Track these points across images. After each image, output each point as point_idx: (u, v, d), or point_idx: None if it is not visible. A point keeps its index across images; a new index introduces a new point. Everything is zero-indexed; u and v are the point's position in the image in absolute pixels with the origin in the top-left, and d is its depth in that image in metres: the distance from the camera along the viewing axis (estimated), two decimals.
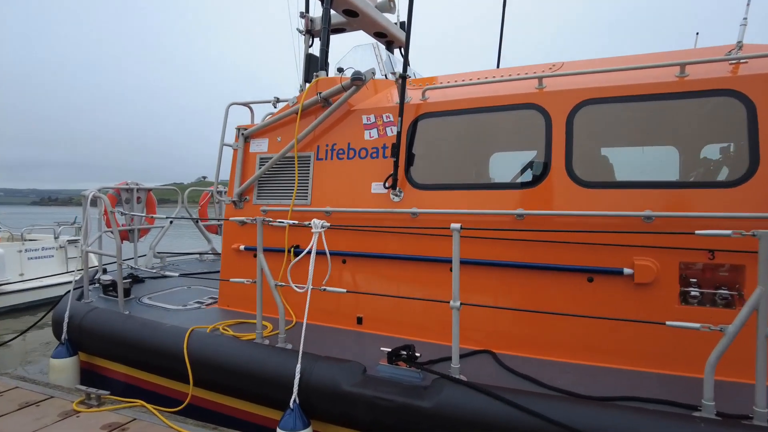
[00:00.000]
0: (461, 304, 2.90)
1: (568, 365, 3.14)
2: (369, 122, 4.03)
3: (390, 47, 6.00)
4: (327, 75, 4.53)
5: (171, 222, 6.81)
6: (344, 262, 4.02)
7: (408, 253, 3.75)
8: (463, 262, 3.14)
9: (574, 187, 3.28)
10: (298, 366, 3.00)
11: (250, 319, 4.08)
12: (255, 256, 4.36)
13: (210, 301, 4.78)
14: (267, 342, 3.54)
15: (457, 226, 2.89)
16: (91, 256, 10.87)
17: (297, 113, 4.29)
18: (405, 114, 3.82)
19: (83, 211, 4.81)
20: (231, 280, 3.76)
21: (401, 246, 3.78)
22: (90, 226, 4.98)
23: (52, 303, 9.85)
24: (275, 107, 4.63)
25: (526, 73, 3.70)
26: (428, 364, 3.10)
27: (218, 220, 6.92)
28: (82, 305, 4.46)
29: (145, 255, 6.63)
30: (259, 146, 4.53)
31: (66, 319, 4.28)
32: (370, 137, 4.01)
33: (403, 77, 3.64)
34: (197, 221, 7.42)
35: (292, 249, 4.15)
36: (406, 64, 3.73)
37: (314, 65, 5.74)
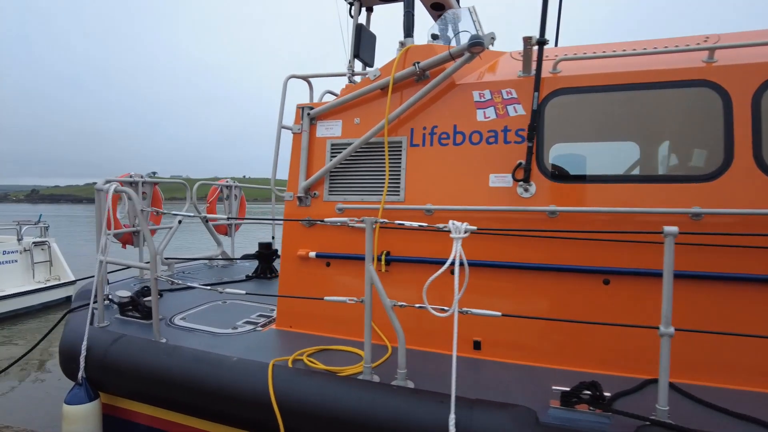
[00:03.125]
0: (675, 330, 2.23)
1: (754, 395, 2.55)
2: (482, 99, 3.27)
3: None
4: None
5: (180, 221, 5.75)
6: (452, 272, 3.24)
7: (545, 262, 3.03)
8: (624, 273, 2.49)
9: (766, 179, 2.69)
10: (452, 416, 2.23)
11: (322, 344, 3.28)
12: (327, 264, 3.53)
13: (263, 320, 3.86)
14: (377, 379, 2.73)
15: (673, 229, 2.20)
16: (65, 266, 9.49)
17: (382, 88, 3.47)
18: (531, 89, 3.11)
19: (97, 209, 3.75)
20: (326, 298, 2.89)
21: (529, 252, 3.07)
22: (102, 228, 3.93)
23: (18, 316, 8.57)
24: (350, 81, 3.76)
25: (687, 45, 3.06)
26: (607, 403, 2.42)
27: (277, 220, 5.86)
28: (100, 332, 3.44)
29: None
30: (330, 129, 3.66)
31: (83, 352, 3.25)
32: (485, 118, 3.25)
33: (541, 42, 2.92)
34: (206, 221, 6.38)
35: (383, 256, 3.34)
36: (543, 25, 3.00)
37: (367, 38, 4.91)
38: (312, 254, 3.54)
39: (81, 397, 3.19)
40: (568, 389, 2.39)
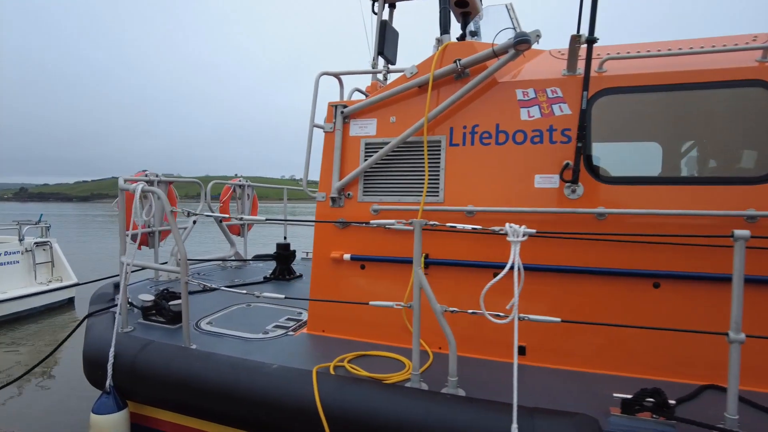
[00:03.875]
0: (746, 337, 2.15)
1: None
2: (526, 98, 3.19)
3: (466, 19, 5.16)
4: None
5: (195, 222, 5.62)
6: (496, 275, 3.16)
7: (592, 265, 2.96)
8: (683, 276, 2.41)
9: None
10: (514, 426, 2.14)
11: (357, 349, 3.18)
12: (362, 267, 3.43)
13: (293, 324, 3.75)
14: (425, 386, 2.64)
15: (745, 233, 2.13)
16: (67, 267, 9.24)
17: (420, 86, 3.37)
18: (577, 89, 3.04)
19: (120, 209, 3.61)
20: (372, 303, 2.79)
21: (578, 255, 2.99)
22: (124, 227, 3.79)
23: (20, 319, 8.35)
24: (385, 79, 3.66)
25: (736, 44, 3.00)
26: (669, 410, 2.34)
27: (307, 221, 5.72)
28: (126, 339, 3.30)
29: (166, 263, 5.40)
30: (364, 128, 3.56)
31: (111, 359, 3.11)
32: (530, 117, 3.17)
33: (591, 41, 2.84)
34: (220, 221, 6.24)
35: (423, 258, 3.24)
36: (593, 23, 2.92)
37: (391, 35, 4.81)
38: (347, 256, 3.43)
39: (109, 407, 3.05)
40: (629, 396, 2.31)
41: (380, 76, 4.55)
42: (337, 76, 3.90)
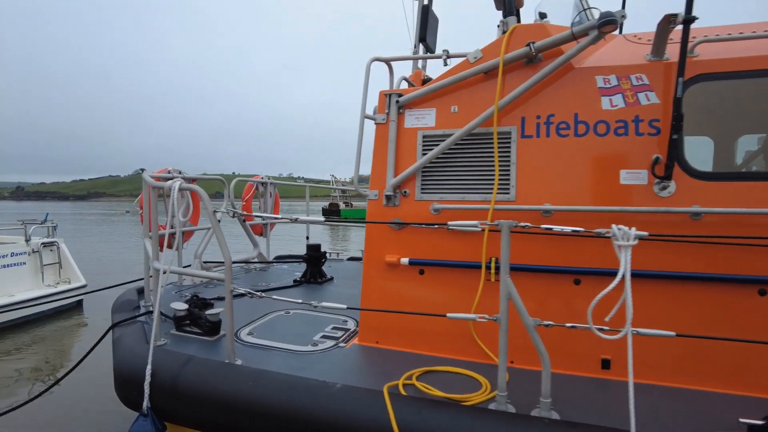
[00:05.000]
0: None
1: None
2: (608, 86, 2.87)
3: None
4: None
5: (219, 221, 5.28)
6: (578, 282, 2.86)
7: (687, 270, 2.66)
8: None
9: None
10: None
11: (417, 362, 2.89)
12: (420, 272, 3.12)
13: (341, 334, 3.43)
14: (512, 409, 2.33)
15: None
16: (75, 268, 8.86)
17: (487, 72, 3.06)
18: (665, 75, 2.74)
19: (149, 206, 3.29)
20: (449, 315, 2.48)
21: (670, 260, 2.69)
22: (155, 228, 3.47)
23: (28, 322, 7.97)
24: (446, 64, 3.34)
25: None
26: None
27: (358, 221, 5.39)
28: (163, 353, 2.98)
29: (189, 265, 5.08)
30: (421, 119, 3.24)
31: (148, 378, 2.79)
32: (612, 106, 2.86)
33: (688, 21, 2.53)
34: (243, 220, 5.92)
35: (492, 262, 2.94)
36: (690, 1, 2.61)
37: (432, 21, 4.50)
38: (404, 261, 3.12)
39: (147, 430, 2.74)
40: (760, 422, 2.01)
41: (420, 63, 4.25)
42: (387, 62, 3.57)
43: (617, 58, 2.94)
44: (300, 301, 2.85)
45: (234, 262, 5.99)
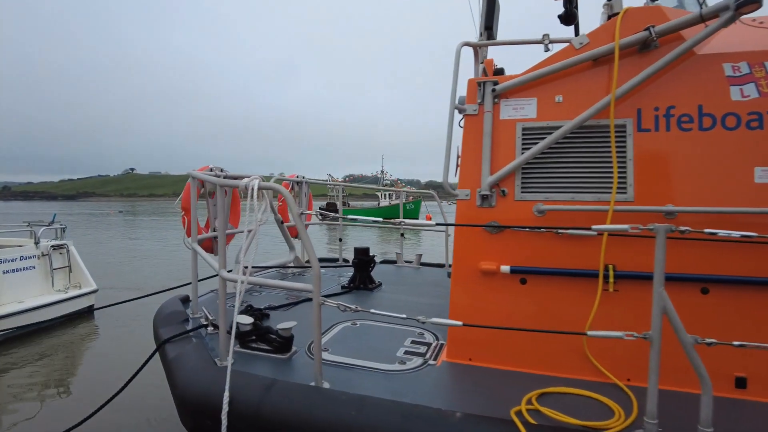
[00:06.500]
0: None
1: None
2: (737, 74, 2.60)
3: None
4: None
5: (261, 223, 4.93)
6: (705, 291, 2.57)
7: None
8: None
9: None
10: None
11: (519, 381, 2.60)
12: (522, 281, 2.82)
13: (423, 349, 3.11)
14: None
15: None
16: (85, 272, 8.37)
17: (596, 59, 2.77)
18: None
19: (221, 210, 2.96)
20: (590, 333, 2.17)
21: None
22: (224, 230, 3.13)
23: (40, 330, 7.48)
24: (547, 50, 3.04)
25: None
26: None
27: (475, 226, 5.04)
28: (239, 377, 2.59)
29: (230, 270, 4.71)
30: (520, 110, 2.94)
31: (226, 407, 2.43)
32: (743, 97, 2.58)
33: None
34: (281, 223, 5.57)
35: (612, 270, 2.64)
36: None
37: (496, 9, 4.19)
38: (505, 268, 2.81)
39: None
40: None
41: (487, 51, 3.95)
42: (476, 47, 3.26)
43: (746, 44, 2.67)
44: (404, 315, 2.53)
45: (270, 267, 5.63)
